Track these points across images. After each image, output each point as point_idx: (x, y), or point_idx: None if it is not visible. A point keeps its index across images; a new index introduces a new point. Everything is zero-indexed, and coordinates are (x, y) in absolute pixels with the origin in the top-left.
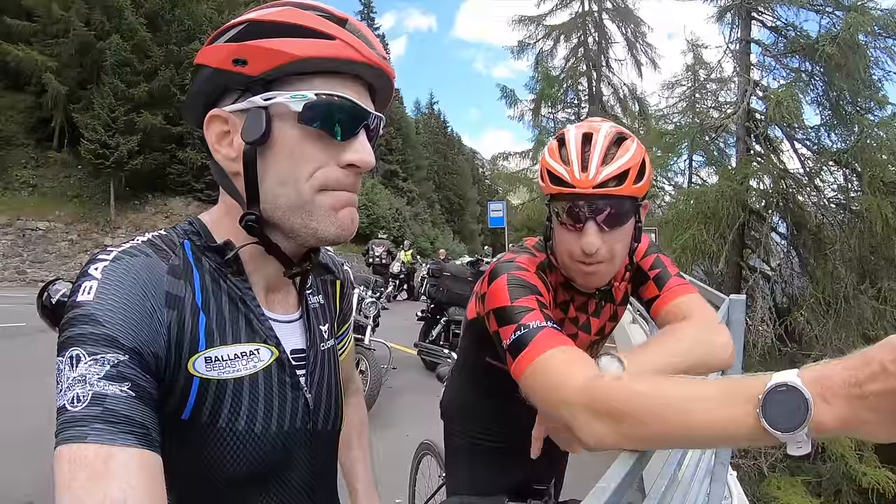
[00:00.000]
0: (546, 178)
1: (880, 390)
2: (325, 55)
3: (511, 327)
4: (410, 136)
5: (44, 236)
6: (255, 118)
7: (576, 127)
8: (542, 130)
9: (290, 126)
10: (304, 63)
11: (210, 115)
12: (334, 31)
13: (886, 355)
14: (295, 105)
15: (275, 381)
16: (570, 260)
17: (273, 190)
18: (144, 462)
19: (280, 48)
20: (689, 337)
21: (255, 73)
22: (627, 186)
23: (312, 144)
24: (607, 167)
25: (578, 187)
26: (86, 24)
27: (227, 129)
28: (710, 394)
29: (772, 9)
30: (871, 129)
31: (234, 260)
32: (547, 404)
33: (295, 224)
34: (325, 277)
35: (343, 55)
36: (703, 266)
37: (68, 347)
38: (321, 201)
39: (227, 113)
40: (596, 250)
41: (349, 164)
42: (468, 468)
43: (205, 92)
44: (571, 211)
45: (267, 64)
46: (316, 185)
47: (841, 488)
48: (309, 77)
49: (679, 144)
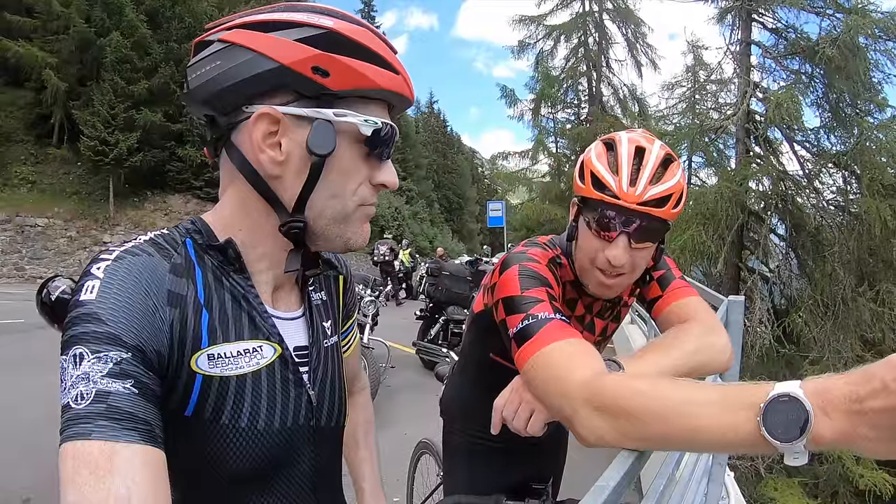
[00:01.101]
0: (588, 181)
1: (881, 407)
2: (393, 89)
3: (519, 316)
4: (410, 134)
5: (43, 233)
6: (325, 131)
7: (627, 136)
8: (542, 130)
9: (349, 144)
10: (378, 91)
11: (261, 112)
12: (398, 65)
13: (888, 373)
14: (365, 129)
15: (278, 377)
16: (590, 266)
17: (323, 201)
18: (148, 458)
19: (366, 73)
20: (689, 341)
21: (335, 88)
22: (667, 210)
23: (362, 163)
24: (654, 187)
25: (623, 200)
26: (86, 20)
27: (275, 129)
28: (713, 398)
29: (772, 11)
30: (870, 132)
31: (236, 258)
32: (547, 396)
33: (333, 233)
34: (327, 273)
35: (401, 91)
36: (701, 267)
37: (72, 346)
38: (357, 216)
39: (280, 114)
40: (622, 264)
41: (381, 183)
42: (467, 467)
43: (254, 84)
44: (604, 219)
45: (349, 83)
46: (358, 200)
47: (838, 490)
48: (368, 101)
49: (679, 145)
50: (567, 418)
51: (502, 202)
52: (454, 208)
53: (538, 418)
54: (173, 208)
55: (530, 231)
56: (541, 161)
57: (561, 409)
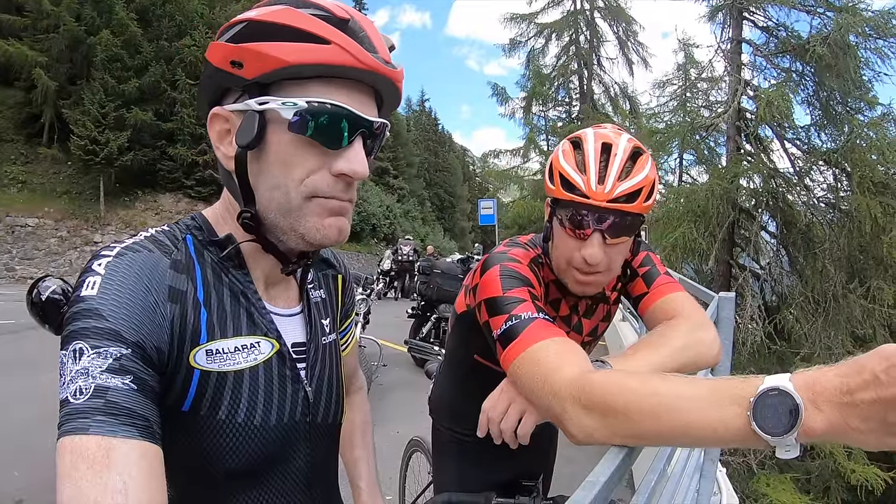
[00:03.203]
0: (557, 182)
1: (871, 399)
2: (318, 61)
3: (502, 317)
4: (401, 133)
5: (33, 233)
6: (249, 122)
7: (594, 133)
8: (533, 128)
9: (283, 132)
10: (297, 69)
11: (213, 112)
12: (330, 34)
13: (878, 365)
14: (286, 112)
15: (275, 373)
16: (567, 266)
17: (265, 193)
18: (145, 454)
19: (271, 53)
20: (678, 337)
21: (250, 77)
22: (638, 204)
23: (305, 151)
24: (623, 183)
25: (592, 199)
26: (76, 19)
27: (227, 127)
28: (702, 393)
29: (763, 9)
30: (860, 130)
31: (235, 254)
32: (535, 396)
33: (284, 227)
34: (326, 272)
35: (337, 61)
36: (692, 264)
37: (71, 341)
38: (309, 208)
39: (227, 112)
40: (598, 262)
41: (340, 173)
42: (456, 465)
43: (209, 88)
44: (577, 218)
45: (260, 68)
46: (305, 192)
47: (830, 485)
48: (305, 82)
49: (669, 143)
50: (556, 417)
51: (494, 200)
52: (446, 206)
53: (529, 420)
54: (164, 207)
55: (522, 229)
56: (532, 159)
57: (550, 408)
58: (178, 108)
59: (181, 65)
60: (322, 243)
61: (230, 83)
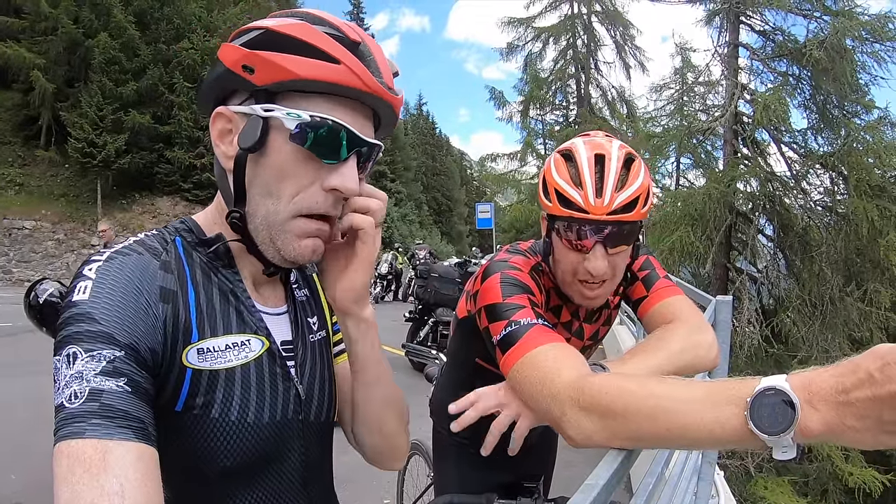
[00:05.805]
0: (554, 199)
1: (867, 397)
2: (327, 79)
3: (502, 323)
4: (399, 136)
5: (30, 235)
6: (253, 126)
7: (584, 144)
8: (531, 132)
9: (284, 141)
10: (306, 83)
11: (217, 111)
12: (341, 54)
13: (872, 363)
14: (289, 122)
15: (266, 371)
16: (573, 279)
17: (257, 198)
18: (141, 456)
19: (284, 64)
20: (675, 341)
21: (260, 83)
22: (637, 212)
23: (301, 164)
24: (621, 194)
25: (591, 213)
26: (74, 21)
27: (230, 127)
28: (699, 395)
29: (760, 13)
30: (857, 133)
31: (224, 253)
32: (534, 399)
33: (264, 237)
34: (306, 272)
35: (344, 81)
36: (690, 268)
37: (65, 346)
38: (292, 226)
39: (231, 112)
40: (603, 273)
41: (332, 188)
42: (457, 467)
43: (216, 87)
44: (577, 232)
45: (271, 77)
46: (293, 210)
47: (827, 488)
48: (310, 96)
49: (667, 147)
50: (555, 420)
51: (491, 204)
52: (443, 210)
53: (523, 424)
54: (161, 210)
55: (519, 233)
56: (529, 163)
57: (549, 412)
58: (175, 112)
59: (179, 68)
60: (296, 261)
61: (239, 86)
